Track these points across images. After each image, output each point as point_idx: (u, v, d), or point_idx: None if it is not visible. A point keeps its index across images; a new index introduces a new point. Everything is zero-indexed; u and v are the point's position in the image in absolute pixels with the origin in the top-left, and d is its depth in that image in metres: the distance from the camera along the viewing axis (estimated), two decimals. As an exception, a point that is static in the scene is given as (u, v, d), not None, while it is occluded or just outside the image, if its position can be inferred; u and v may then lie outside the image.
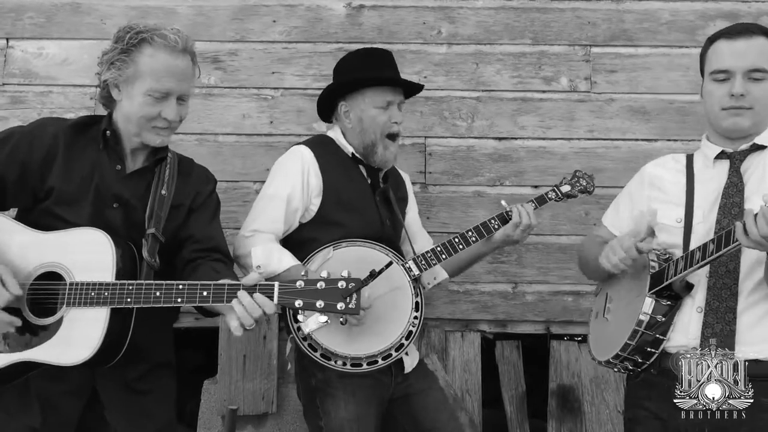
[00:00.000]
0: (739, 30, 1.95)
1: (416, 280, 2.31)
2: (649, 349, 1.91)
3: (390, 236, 2.42)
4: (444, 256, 2.33)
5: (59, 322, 1.83)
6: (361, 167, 2.43)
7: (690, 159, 2.08)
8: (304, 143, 2.42)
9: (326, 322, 2.14)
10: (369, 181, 2.44)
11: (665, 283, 1.88)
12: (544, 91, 3.19)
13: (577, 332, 3.17)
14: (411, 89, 2.51)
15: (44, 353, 1.82)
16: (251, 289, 1.76)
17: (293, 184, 2.31)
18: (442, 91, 3.18)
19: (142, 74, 1.91)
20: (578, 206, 3.11)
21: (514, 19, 3.22)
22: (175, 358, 2.16)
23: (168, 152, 2.08)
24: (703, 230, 1.92)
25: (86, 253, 1.85)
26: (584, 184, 2.57)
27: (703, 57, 2.04)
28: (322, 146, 2.42)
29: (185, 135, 3.15)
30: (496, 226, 2.36)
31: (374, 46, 2.86)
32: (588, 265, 2.23)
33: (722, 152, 1.98)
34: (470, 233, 2.35)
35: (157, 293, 1.80)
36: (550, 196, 2.51)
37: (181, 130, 3.10)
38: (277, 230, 2.30)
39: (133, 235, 1.95)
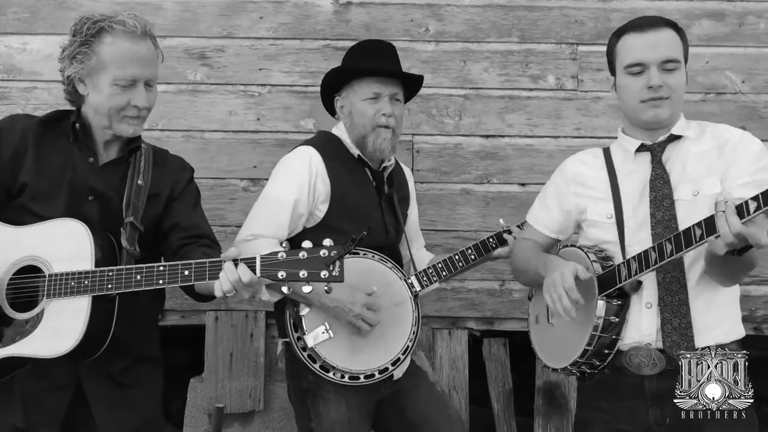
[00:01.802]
0: (646, 23, 1.94)
1: (416, 295, 2.35)
2: (606, 351, 1.89)
3: (393, 243, 2.41)
4: (445, 273, 2.40)
5: (40, 315, 1.80)
6: (366, 170, 2.38)
7: (608, 153, 2.07)
8: (312, 144, 2.33)
9: (330, 337, 2.16)
10: (374, 185, 2.39)
11: (620, 285, 1.87)
12: (531, 89, 3.20)
13: (563, 329, 3.18)
14: (413, 86, 2.46)
15: (26, 347, 1.79)
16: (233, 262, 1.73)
17: (300, 189, 2.24)
18: (430, 88, 3.17)
19: (105, 64, 1.86)
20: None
21: (501, 17, 3.22)
22: (161, 352, 2.13)
23: (142, 142, 2.04)
24: (635, 224, 1.92)
25: (64, 244, 1.82)
26: None
27: (611, 52, 2.01)
28: (329, 148, 2.34)
29: (171, 131, 3.14)
30: (494, 245, 2.43)
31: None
32: (526, 274, 2.15)
33: (642, 145, 1.98)
34: (470, 251, 2.42)
35: (138, 277, 1.77)
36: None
37: (167, 126, 3.15)
38: (281, 236, 2.22)
39: (110, 227, 1.91)
